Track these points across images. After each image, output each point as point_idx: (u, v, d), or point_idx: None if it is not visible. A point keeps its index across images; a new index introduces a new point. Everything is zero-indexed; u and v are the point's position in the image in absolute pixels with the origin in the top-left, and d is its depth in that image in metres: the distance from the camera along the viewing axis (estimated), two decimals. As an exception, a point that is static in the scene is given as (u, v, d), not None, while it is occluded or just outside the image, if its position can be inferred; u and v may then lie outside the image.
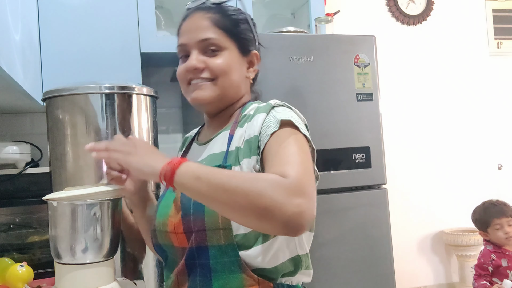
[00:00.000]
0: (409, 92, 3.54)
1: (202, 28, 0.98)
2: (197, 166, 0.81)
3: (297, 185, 0.75)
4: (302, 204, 0.73)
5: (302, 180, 0.76)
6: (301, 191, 0.74)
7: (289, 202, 0.73)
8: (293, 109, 0.95)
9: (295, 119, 0.89)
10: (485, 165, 3.74)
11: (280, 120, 0.87)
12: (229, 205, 0.76)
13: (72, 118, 1.41)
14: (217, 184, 0.76)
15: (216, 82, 0.96)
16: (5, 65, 1.05)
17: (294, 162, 0.80)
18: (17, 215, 1.73)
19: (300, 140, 0.85)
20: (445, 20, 3.64)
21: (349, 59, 2.00)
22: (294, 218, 0.73)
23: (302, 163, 0.80)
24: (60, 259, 0.86)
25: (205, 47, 0.97)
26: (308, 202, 0.75)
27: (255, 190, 0.74)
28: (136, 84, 1.51)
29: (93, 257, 0.86)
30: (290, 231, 0.75)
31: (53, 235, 0.87)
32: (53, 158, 1.45)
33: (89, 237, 0.85)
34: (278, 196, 0.73)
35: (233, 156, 0.90)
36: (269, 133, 0.86)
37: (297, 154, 0.81)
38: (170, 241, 0.92)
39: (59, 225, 0.86)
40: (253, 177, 0.77)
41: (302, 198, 0.74)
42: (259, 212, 0.73)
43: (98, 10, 1.95)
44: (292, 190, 0.74)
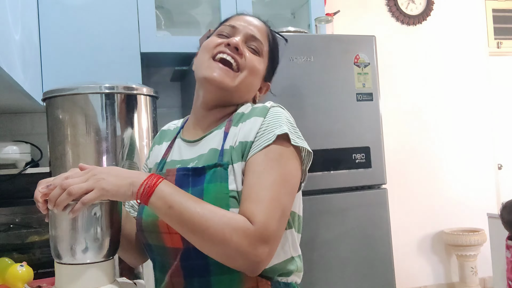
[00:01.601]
0: (409, 92, 3.55)
1: (258, 30, 1.00)
2: (171, 192, 0.81)
3: (262, 233, 0.79)
4: (263, 253, 0.79)
5: (267, 226, 0.80)
6: (265, 239, 0.80)
7: (251, 252, 0.78)
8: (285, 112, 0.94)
9: (291, 129, 0.89)
10: (485, 165, 3.74)
11: (277, 135, 0.87)
12: (196, 242, 0.81)
13: (72, 118, 1.41)
14: (187, 220, 0.80)
15: (240, 74, 0.96)
16: (5, 65, 1.05)
17: (265, 201, 0.82)
18: (17, 215, 1.73)
19: (287, 160, 0.87)
20: (445, 20, 3.64)
21: (349, 59, 2.00)
22: (254, 265, 0.80)
23: (273, 201, 0.82)
24: (60, 259, 0.86)
25: (250, 42, 0.98)
26: (269, 249, 0.81)
27: (222, 237, 0.78)
28: (136, 84, 1.51)
29: (93, 257, 0.86)
30: (249, 272, 0.83)
31: (53, 235, 0.87)
32: (53, 158, 1.45)
33: (89, 237, 0.85)
34: (241, 246, 0.78)
35: (228, 154, 0.89)
36: (262, 146, 0.87)
37: (272, 188, 0.83)
38: (162, 242, 0.91)
39: (59, 225, 0.86)
40: (223, 221, 0.79)
41: (264, 246, 0.80)
42: (222, 255, 0.80)
43: (98, 10, 1.95)
44: (256, 239, 0.79)
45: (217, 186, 0.86)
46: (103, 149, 1.40)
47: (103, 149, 1.40)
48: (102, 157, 1.40)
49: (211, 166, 0.88)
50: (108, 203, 0.89)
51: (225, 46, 0.95)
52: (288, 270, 0.93)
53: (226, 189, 0.86)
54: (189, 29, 2.52)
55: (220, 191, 0.85)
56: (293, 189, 0.88)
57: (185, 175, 0.91)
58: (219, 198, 0.85)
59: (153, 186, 0.81)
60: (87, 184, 0.81)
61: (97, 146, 1.40)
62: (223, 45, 0.96)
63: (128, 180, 0.82)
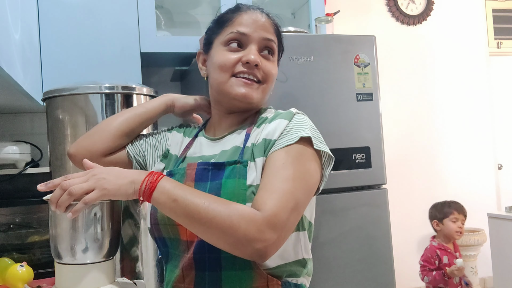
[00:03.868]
0: (409, 92, 3.55)
1: (268, 28, 0.99)
2: (174, 186, 0.83)
3: (269, 220, 0.80)
4: (271, 239, 0.80)
5: (276, 214, 0.80)
6: (272, 226, 0.80)
7: (259, 237, 0.79)
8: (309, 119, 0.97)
9: (314, 134, 0.91)
10: (485, 165, 3.74)
11: (300, 137, 0.89)
12: (203, 233, 0.82)
13: (72, 118, 1.41)
14: (193, 212, 0.80)
15: (262, 85, 0.98)
16: (5, 65, 1.05)
17: (279, 191, 0.83)
18: (17, 215, 1.73)
19: (307, 160, 0.89)
20: (445, 20, 3.65)
21: (349, 59, 2.00)
22: (262, 250, 0.80)
23: (286, 193, 0.83)
24: (60, 259, 0.86)
25: (264, 46, 0.98)
26: (277, 236, 0.81)
27: (229, 225, 0.79)
28: (136, 84, 1.51)
29: (93, 257, 0.86)
30: (256, 259, 0.83)
31: (53, 235, 0.87)
32: (53, 158, 1.45)
33: (89, 237, 0.85)
34: (249, 232, 0.79)
35: (249, 152, 0.92)
36: (284, 144, 0.89)
37: (288, 182, 0.84)
38: (177, 234, 0.92)
39: (60, 225, 0.86)
40: (229, 209, 0.80)
41: (272, 233, 0.80)
42: (231, 243, 0.80)
43: (98, 10, 1.95)
44: (263, 225, 0.79)
45: (235, 182, 0.88)
46: (103, 149, 1.40)
47: (103, 149, 1.40)
48: (102, 157, 1.40)
49: (231, 162, 0.91)
50: (108, 203, 0.89)
51: (243, 64, 0.96)
52: (299, 271, 0.94)
53: (244, 185, 0.87)
54: (189, 29, 2.52)
55: (237, 187, 0.87)
56: (310, 188, 0.89)
57: (205, 169, 0.93)
58: (236, 193, 0.87)
59: (155, 181, 0.83)
60: (87, 184, 0.81)
61: (97, 146, 1.40)
62: (241, 64, 0.96)
63: (129, 179, 0.83)
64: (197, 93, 2.16)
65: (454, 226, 2.66)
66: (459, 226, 2.66)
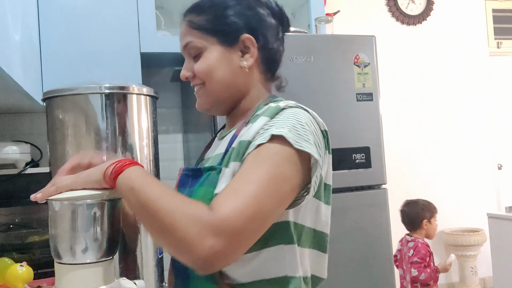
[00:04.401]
0: (409, 92, 3.55)
1: (183, 34, 0.95)
2: (137, 175, 0.78)
3: (217, 224, 0.68)
4: (212, 247, 0.68)
5: (228, 218, 0.69)
6: (218, 232, 0.68)
7: (197, 242, 0.68)
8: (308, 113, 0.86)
9: (296, 131, 0.79)
10: (485, 165, 3.74)
11: (271, 134, 0.78)
12: (148, 226, 0.75)
13: (72, 118, 1.41)
14: (143, 202, 0.74)
15: (205, 86, 0.92)
16: (5, 65, 1.05)
17: (239, 193, 0.72)
18: (17, 215, 1.73)
19: (281, 161, 0.76)
20: (445, 20, 3.65)
21: (349, 59, 2.00)
22: (200, 260, 0.69)
23: (247, 197, 0.71)
24: (60, 259, 0.86)
25: (189, 52, 0.95)
26: (223, 245, 0.68)
27: (171, 221, 0.70)
28: (136, 84, 1.51)
29: (93, 257, 0.86)
30: (199, 270, 0.72)
31: (53, 235, 0.87)
32: (53, 158, 1.45)
33: (89, 237, 0.85)
34: (189, 233, 0.68)
35: (228, 156, 0.84)
36: (255, 144, 0.79)
37: (253, 184, 0.73)
38: None
39: (59, 225, 0.86)
40: (176, 205, 0.71)
41: (216, 240, 0.68)
42: (169, 244, 0.72)
43: (98, 10, 1.95)
44: (209, 229, 0.68)
45: (204, 190, 0.82)
46: (103, 149, 1.40)
47: (103, 149, 1.40)
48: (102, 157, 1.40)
49: (207, 168, 0.85)
50: (108, 203, 0.89)
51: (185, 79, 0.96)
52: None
53: (210, 194, 0.79)
54: (189, 29, 2.52)
55: (204, 196, 0.80)
56: (281, 196, 0.76)
57: (186, 175, 0.90)
58: (204, 202, 0.76)
59: (123, 167, 0.79)
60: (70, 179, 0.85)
61: (97, 146, 1.40)
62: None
63: (101, 166, 0.83)
64: (197, 93, 2.17)
65: (436, 225, 2.78)
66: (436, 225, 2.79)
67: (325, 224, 0.89)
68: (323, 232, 0.89)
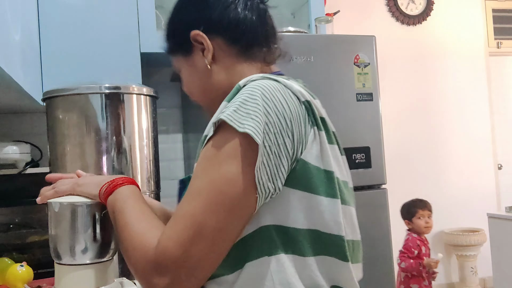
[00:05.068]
0: (409, 92, 3.55)
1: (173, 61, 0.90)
2: (121, 198, 0.77)
3: (157, 259, 0.64)
4: (159, 283, 0.64)
5: (166, 249, 0.63)
6: (161, 269, 0.64)
7: (147, 280, 0.66)
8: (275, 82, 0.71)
9: (240, 110, 0.65)
10: (485, 165, 3.74)
11: (213, 123, 0.69)
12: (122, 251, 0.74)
13: (72, 118, 1.41)
14: (116, 228, 0.76)
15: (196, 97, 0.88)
16: (5, 65, 1.05)
17: (178, 216, 0.66)
18: (17, 215, 1.73)
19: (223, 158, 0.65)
20: (445, 20, 3.65)
21: (349, 59, 2.00)
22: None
23: (184, 217, 0.65)
24: (60, 259, 0.86)
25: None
26: (169, 279, 0.64)
27: (126, 253, 0.70)
28: (136, 84, 1.51)
29: (93, 258, 0.86)
30: None
31: (52, 236, 0.87)
32: (53, 158, 1.45)
33: (89, 237, 0.85)
34: (138, 270, 0.67)
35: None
36: (204, 143, 0.70)
37: (191, 200, 0.65)
38: None
39: (59, 226, 0.86)
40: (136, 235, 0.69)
41: (161, 275, 0.64)
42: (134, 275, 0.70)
43: (98, 10, 1.95)
44: (151, 266, 0.65)
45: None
46: (103, 149, 1.40)
47: (103, 149, 1.40)
48: (102, 157, 1.40)
49: (186, 179, 0.79)
50: (108, 204, 0.89)
51: None
52: None
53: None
54: (189, 29, 2.52)
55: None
56: (230, 202, 0.64)
57: (180, 188, 0.83)
58: None
59: (114, 187, 0.79)
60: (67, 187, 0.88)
61: (97, 146, 1.40)
62: None
63: (99, 181, 0.84)
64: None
65: (422, 222, 2.91)
66: (426, 221, 2.91)
67: (334, 223, 0.70)
68: (331, 234, 0.70)
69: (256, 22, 0.83)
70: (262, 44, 0.85)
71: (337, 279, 0.73)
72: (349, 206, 0.76)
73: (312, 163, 0.69)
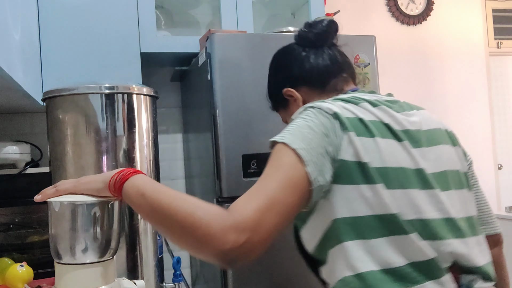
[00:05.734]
0: (409, 92, 3.54)
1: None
2: (145, 181, 0.82)
3: (237, 219, 0.73)
4: (236, 241, 0.72)
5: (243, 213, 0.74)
6: (241, 227, 0.73)
7: (223, 236, 0.72)
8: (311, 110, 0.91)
9: (286, 132, 0.87)
10: (485, 165, 3.74)
11: (270, 141, 0.89)
12: (165, 228, 0.78)
13: (72, 118, 1.41)
14: (157, 207, 0.77)
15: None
16: (5, 65, 1.05)
17: (250, 191, 0.79)
18: (17, 215, 1.73)
19: (279, 156, 0.84)
20: (445, 20, 3.65)
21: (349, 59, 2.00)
22: (227, 252, 0.72)
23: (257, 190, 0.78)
24: (60, 259, 0.86)
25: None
26: (245, 238, 0.72)
27: (192, 221, 0.73)
28: (136, 84, 1.51)
29: (93, 257, 0.86)
30: (223, 263, 0.75)
31: (52, 235, 0.87)
32: (53, 158, 1.45)
33: (89, 237, 0.85)
34: (214, 229, 0.72)
35: None
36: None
37: (260, 180, 0.81)
38: None
39: (59, 225, 0.86)
40: (195, 205, 0.76)
41: (238, 234, 0.72)
42: (192, 242, 0.75)
43: (98, 10, 1.95)
44: (230, 224, 0.73)
45: None
46: (103, 149, 1.40)
47: (103, 149, 1.40)
48: (102, 157, 1.40)
49: None
50: (108, 203, 0.89)
51: None
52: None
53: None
54: (189, 29, 2.52)
55: None
56: (289, 182, 0.80)
57: None
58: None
59: (128, 175, 0.83)
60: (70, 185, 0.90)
61: (97, 146, 1.40)
62: None
63: (104, 175, 0.86)
64: (196, 93, 2.17)
65: None
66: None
67: (393, 205, 0.84)
68: (387, 214, 0.84)
69: (327, 64, 1.09)
70: (335, 76, 1.09)
71: (409, 256, 0.83)
72: (406, 189, 0.87)
73: (349, 160, 0.85)
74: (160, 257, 1.52)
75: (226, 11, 2.17)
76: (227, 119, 1.72)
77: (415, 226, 0.84)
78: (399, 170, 0.88)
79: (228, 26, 2.14)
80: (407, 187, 0.87)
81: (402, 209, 0.84)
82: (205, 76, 1.83)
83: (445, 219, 0.89)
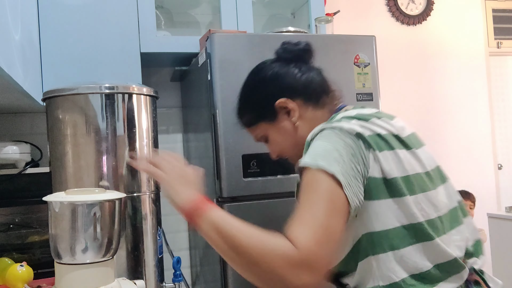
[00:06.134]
0: (409, 92, 3.54)
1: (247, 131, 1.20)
2: (220, 216, 0.85)
3: (304, 259, 0.76)
4: (305, 277, 0.76)
5: (310, 250, 0.76)
6: (307, 264, 0.76)
7: (294, 278, 0.76)
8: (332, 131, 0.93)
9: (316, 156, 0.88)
10: (485, 165, 3.74)
11: (299, 168, 0.90)
12: (237, 262, 0.82)
13: (72, 118, 1.41)
14: (233, 244, 0.81)
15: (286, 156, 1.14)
16: (5, 65, 1.05)
17: (305, 221, 0.80)
18: (17, 215, 1.73)
19: (317, 185, 0.84)
20: (445, 20, 3.64)
21: (349, 59, 2.00)
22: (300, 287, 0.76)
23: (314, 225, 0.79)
24: (60, 259, 0.86)
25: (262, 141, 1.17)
26: (312, 272, 0.76)
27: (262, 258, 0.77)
28: (136, 84, 1.51)
29: (93, 257, 0.86)
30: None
31: (53, 235, 0.87)
32: (53, 158, 1.45)
33: (89, 237, 0.85)
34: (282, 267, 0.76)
35: None
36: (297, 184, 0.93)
37: (308, 211, 0.81)
38: None
39: (59, 225, 0.86)
40: (263, 241, 0.79)
41: (308, 272, 0.76)
42: (262, 275, 0.79)
43: (98, 10, 1.95)
44: (299, 265, 0.76)
45: None
46: (103, 149, 1.40)
47: (103, 149, 1.40)
48: (102, 157, 1.40)
49: None
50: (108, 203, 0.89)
51: None
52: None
53: None
54: (189, 29, 2.52)
55: None
56: (334, 206, 0.83)
57: None
58: None
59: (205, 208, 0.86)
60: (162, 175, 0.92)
61: (97, 146, 1.40)
62: None
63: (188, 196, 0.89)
64: (196, 93, 2.17)
65: None
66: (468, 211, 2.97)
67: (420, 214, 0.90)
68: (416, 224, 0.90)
69: (318, 78, 1.13)
70: (327, 93, 1.13)
71: (434, 259, 0.90)
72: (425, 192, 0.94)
73: (377, 177, 0.90)
74: (160, 257, 1.52)
75: (226, 11, 2.17)
76: (227, 119, 1.72)
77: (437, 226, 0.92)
78: (417, 176, 0.94)
79: (228, 26, 2.14)
80: (425, 190, 0.94)
81: (426, 212, 0.91)
82: (205, 76, 1.83)
83: (450, 211, 0.98)
